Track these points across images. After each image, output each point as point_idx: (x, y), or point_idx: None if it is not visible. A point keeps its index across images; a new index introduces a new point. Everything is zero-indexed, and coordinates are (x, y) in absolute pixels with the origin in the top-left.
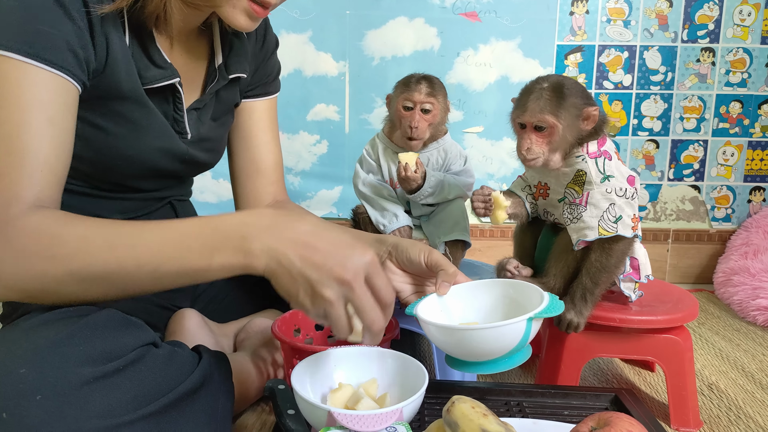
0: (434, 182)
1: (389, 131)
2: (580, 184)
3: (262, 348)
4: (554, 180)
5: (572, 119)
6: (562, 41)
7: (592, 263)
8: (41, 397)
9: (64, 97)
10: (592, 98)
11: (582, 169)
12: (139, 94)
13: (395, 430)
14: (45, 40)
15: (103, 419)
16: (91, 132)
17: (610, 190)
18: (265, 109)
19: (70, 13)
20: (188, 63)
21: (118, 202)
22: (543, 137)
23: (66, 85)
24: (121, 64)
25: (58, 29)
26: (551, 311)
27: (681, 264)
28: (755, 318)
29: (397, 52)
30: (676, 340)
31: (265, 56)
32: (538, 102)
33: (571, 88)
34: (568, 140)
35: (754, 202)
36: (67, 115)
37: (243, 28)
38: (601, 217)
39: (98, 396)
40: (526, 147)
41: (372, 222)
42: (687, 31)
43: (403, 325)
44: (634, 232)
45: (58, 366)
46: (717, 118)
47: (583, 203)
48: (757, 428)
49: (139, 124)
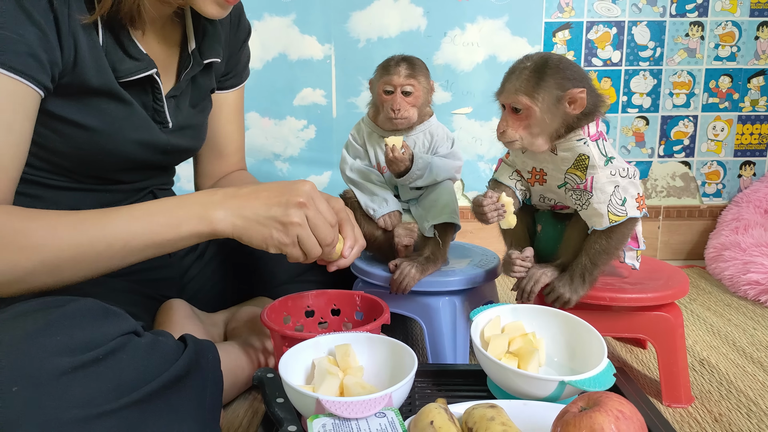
0: (422, 164)
1: (374, 115)
2: (583, 168)
3: (252, 336)
4: (551, 165)
5: (553, 102)
6: (550, 18)
7: (592, 244)
8: (18, 389)
9: (23, 103)
10: (583, 78)
11: (584, 153)
12: (114, 89)
13: (384, 416)
14: (5, 45)
15: (82, 409)
16: (68, 128)
17: (614, 172)
18: (234, 99)
19: (33, 17)
20: (162, 51)
21: (101, 194)
22: (519, 120)
23: (25, 90)
24: (90, 61)
25: (18, 33)
26: (592, 385)
27: (672, 240)
28: (746, 292)
29: (383, 33)
30: (666, 317)
31: (238, 42)
32: (515, 82)
33: (555, 68)
34: (551, 124)
35: (745, 177)
36: (24, 121)
37: (214, 16)
38: (609, 202)
39: (77, 386)
40: (501, 129)
41: (361, 207)
42: (675, 5)
43: (393, 310)
44: (641, 211)
45: (35, 356)
46: (707, 93)
47: (588, 188)
48: (748, 402)
49: (116, 118)
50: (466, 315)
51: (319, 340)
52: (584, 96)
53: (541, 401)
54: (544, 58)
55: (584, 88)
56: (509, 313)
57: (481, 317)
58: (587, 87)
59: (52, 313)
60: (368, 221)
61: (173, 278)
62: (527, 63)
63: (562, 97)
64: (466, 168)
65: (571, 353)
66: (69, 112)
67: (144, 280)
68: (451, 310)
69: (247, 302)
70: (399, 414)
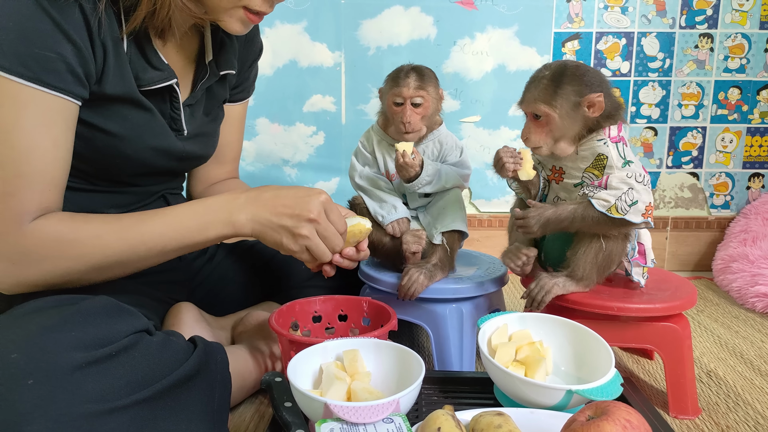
0: (432, 170)
1: (383, 123)
2: (600, 168)
3: (259, 340)
4: (571, 164)
5: (571, 107)
6: (560, 28)
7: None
8: (33, 382)
9: (66, 117)
10: (601, 83)
11: (603, 153)
12: (136, 97)
13: (392, 422)
14: (45, 64)
15: (95, 404)
16: (91, 133)
17: (630, 174)
18: (239, 112)
19: (69, 34)
20: (180, 60)
21: (114, 196)
22: (541, 126)
23: (67, 105)
24: (116, 70)
25: (57, 52)
26: (600, 394)
27: (680, 251)
28: (754, 305)
29: (393, 41)
30: (674, 328)
31: (249, 59)
32: (534, 91)
33: (572, 75)
34: (572, 128)
35: (753, 189)
36: (68, 133)
37: (236, 32)
38: (619, 198)
39: (90, 381)
40: (525, 136)
41: (370, 213)
42: (685, 16)
43: (400, 316)
44: (645, 219)
45: (49, 351)
46: (716, 104)
47: (602, 185)
48: (756, 415)
49: (137, 124)
50: (472, 322)
51: (327, 345)
52: (602, 99)
53: (549, 410)
54: (561, 66)
55: (601, 92)
56: (516, 322)
57: (489, 325)
58: (605, 91)
59: (67, 310)
60: (377, 227)
61: (183, 281)
62: (545, 72)
63: (581, 103)
64: (474, 176)
65: (579, 362)
66: (93, 118)
67: (153, 282)
68: (458, 318)
69: (254, 306)
70: (406, 420)
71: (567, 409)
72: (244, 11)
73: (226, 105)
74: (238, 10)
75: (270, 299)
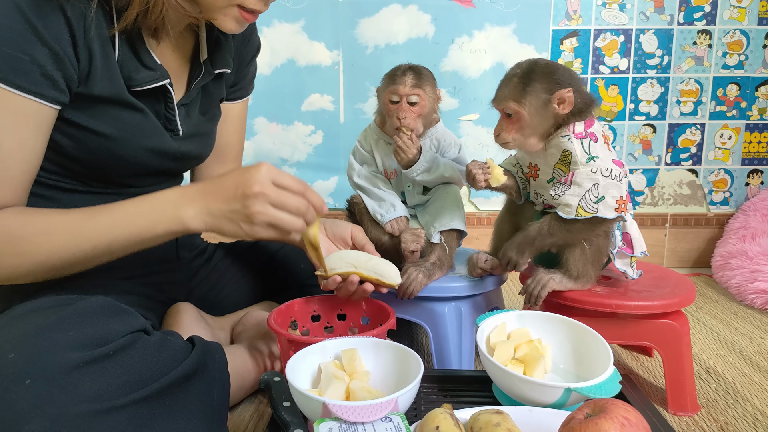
0: (429, 157)
1: (381, 122)
2: (567, 164)
3: (258, 340)
4: (542, 160)
5: (540, 105)
6: (558, 26)
7: (549, 223)
8: (30, 382)
9: (37, 120)
10: (570, 80)
11: (567, 149)
12: (126, 98)
13: (390, 420)
14: (14, 64)
15: (93, 403)
16: (82, 134)
17: (596, 170)
18: (239, 110)
19: (44, 38)
20: (175, 60)
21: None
22: (512, 123)
23: (39, 108)
24: (104, 72)
25: (28, 54)
26: (598, 392)
27: (679, 248)
28: (753, 301)
29: (391, 40)
30: (673, 325)
31: (247, 56)
32: (504, 90)
33: (541, 74)
34: (542, 125)
35: (752, 185)
36: (39, 136)
37: (231, 31)
38: (582, 197)
39: (88, 380)
40: (497, 133)
41: (368, 212)
42: (683, 13)
43: (399, 315)
44: (618, 213)
45: (47, 351)
46: (714, 101)
47: (568, 182)
48: (755, 411)
49: (129, 125)
50: (471, 321)
51: (325, 344)
52: (572, 95)
53: (547, 408)
54: (531, 65)
55: (571, 88)
56: (515, 320)
57: (487, 323)
58: (575, 87)
59: (64, 310)
60: (375, 226)
61: (181, 282)
62: (516, 70)
63: (550, 99)
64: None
65: (577, 360)
66: (83, 119)
67: (152, 283)
68: (456, 316)
69: (253, 306)
70: (405, 419)
71: (565, 407)
72: (238, 10)
73: (225, 104)
74: (233, 9)
75: (269, 299)
